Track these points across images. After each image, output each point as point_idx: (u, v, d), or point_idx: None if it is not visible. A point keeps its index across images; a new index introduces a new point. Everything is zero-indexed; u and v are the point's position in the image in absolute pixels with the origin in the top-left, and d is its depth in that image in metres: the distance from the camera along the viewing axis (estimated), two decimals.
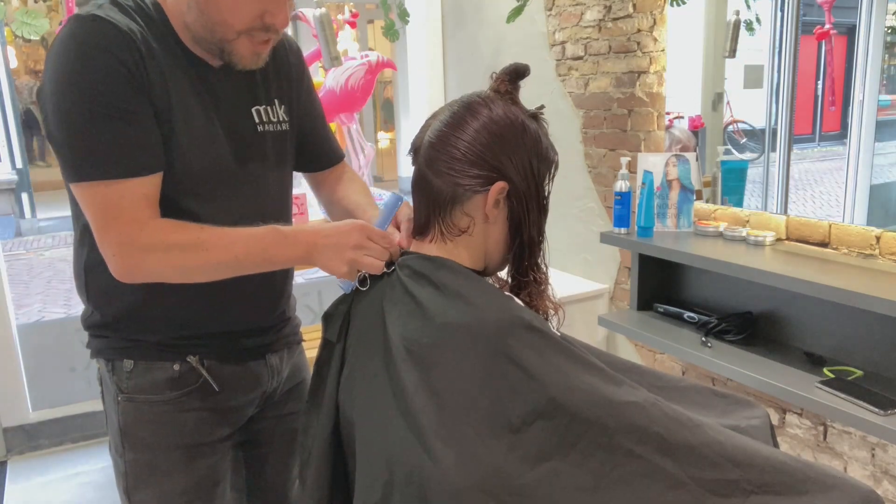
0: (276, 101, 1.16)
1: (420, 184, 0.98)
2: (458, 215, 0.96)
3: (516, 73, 0.99)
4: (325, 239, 1.00)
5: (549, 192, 1.01)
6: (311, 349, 2.44)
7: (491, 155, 0.93)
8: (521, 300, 1.01)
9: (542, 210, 1.00)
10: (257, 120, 1.12)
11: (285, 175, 1.21)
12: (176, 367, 1.10)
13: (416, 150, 0.99)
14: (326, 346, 1.03)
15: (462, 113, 0.95)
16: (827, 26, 1.97)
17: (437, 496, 0.79)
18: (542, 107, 1.02)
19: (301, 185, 2.13)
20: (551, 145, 1.00)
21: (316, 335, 2.65)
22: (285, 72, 1.19)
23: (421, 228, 0.99)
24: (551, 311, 1.04)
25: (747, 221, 2.05)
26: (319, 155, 1.31)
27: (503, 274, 1.07)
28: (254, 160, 1.11)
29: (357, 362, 0.96)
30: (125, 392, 1.10)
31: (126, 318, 1.10)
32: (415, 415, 0.84)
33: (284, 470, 1.31)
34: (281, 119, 1.17)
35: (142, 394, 1.10)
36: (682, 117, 2.34)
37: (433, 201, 0.96)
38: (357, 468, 0.90)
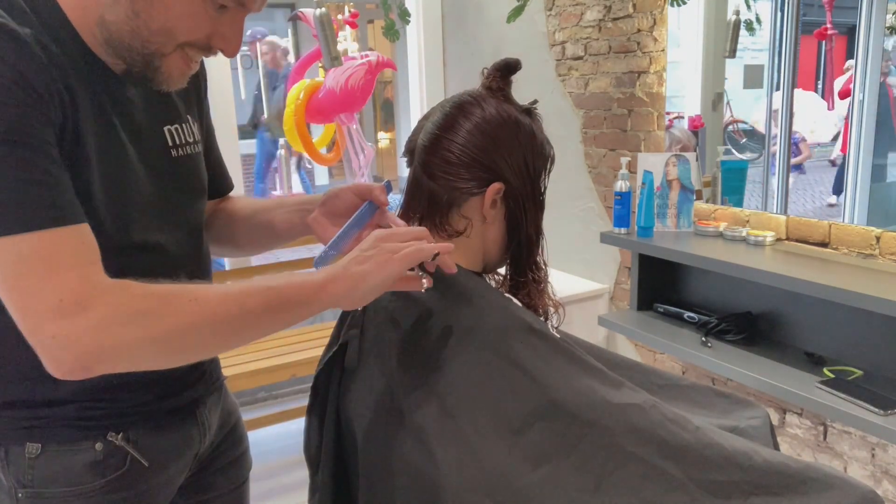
0: (189, 118, 0.97)
1: (416, 188, 0.97)
2: (455, 218, 0.96)
3: (507, 69, 0.98)
4: (358, 268, 0.79)
5: (545, 188, 1.00)
6: (312, 349, 2.45)
7: (485, 156, 0.93)
8: (521, 299, 1.00)
9: (539, 207, 1.00)
10: (171, 143, 0.92)
11: (204, 208, 1.01)
12: (98, 446, 0.88)
13: (410, 152, 0.99)
14: (334, 348, 1.01)
15: (454, 114, 0.94)
16: (828, 25, 1.97)
17: (438, 498, 0.79)
18: (535, 102, 1.01)
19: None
20: (546, 140, 0.99)
21: (317, 335, 2.66)
22: (195, 82, 1.00)
23: None
24: (551, 310, 1.04)
25: (747, 221, 2.05)
26: (220, 180, 1.11)
27: (502, 272, 1.06)
28: (175, 193, 0.92)
29: (358, 365, 0.96)
30: (28, 486, 0.85)
31: (25, 387, 0.84)
32: (415, 418, 0.84)
33: None
34: (196, 139, 0.98)
35: (53, 486, 0.86)
36: (682, 117, 2.34)
37: (430, 205, 0.96)
38: (359, 472, 0.90)
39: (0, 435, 0.86)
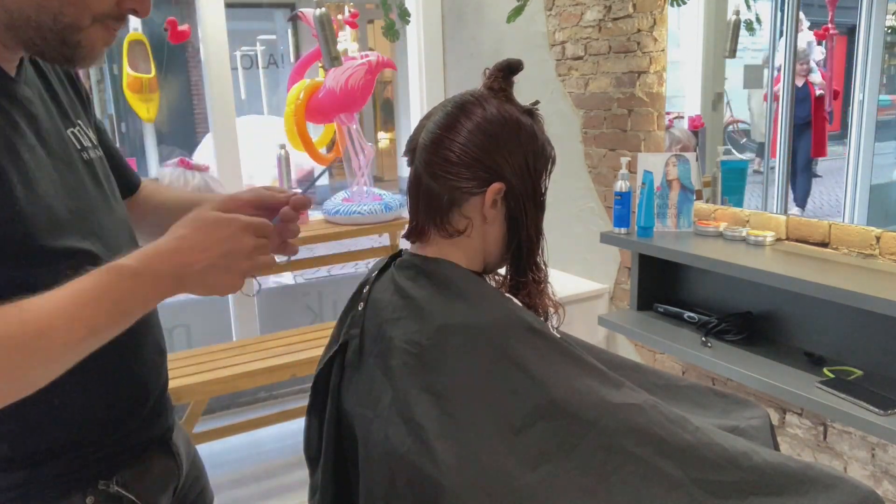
0: (81, 123, 0.91)
1: (417, 187, 0.97)
2: (456, 217, 0.96)
3: (509, 69, 0.98)
4: (201, 255, 0.72)
5: (546, 188, 1.01)
6: (312, 349, 2.45)
7: (486, 156, 0.93)
8: (521, 299, 1.00)
9: (540, 208, 1.00)
10: (78, 146, 0.87)
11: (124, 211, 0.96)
12: (89, 500, 0.82)
13: (411, 151, 0.99)
14: (335, 347, 1.01)
15: (455, 114, 0.94)
16: (830, 25, 1.97)
17: (438, 498, 0.79)
18: (536, 102, 1.01)
19: None
20: (548, 140, 0.99)
21: (317, 335, 2.66)
22: (77, 85, 0.96)
23: (419, 230, 0.99)
24: (551, 310, 1.04)
25: (747, 221, 2.05)
26: (129, 177, 1.06)
27: (502, 272, 1.06)
28: (95, 197, 0.87)
29: (358, 365, 0.96)
30: None
31: (7, 449, 0.77)
32: (415, 417, 0.84)
33: None
34: (95, 143, 0.92)
35: None
36: (682, 117, 2.34)
37: (430, 204, 0.96)
38: (359, 472, 0.90)
39: None
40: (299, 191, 0.90)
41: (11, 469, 0.78)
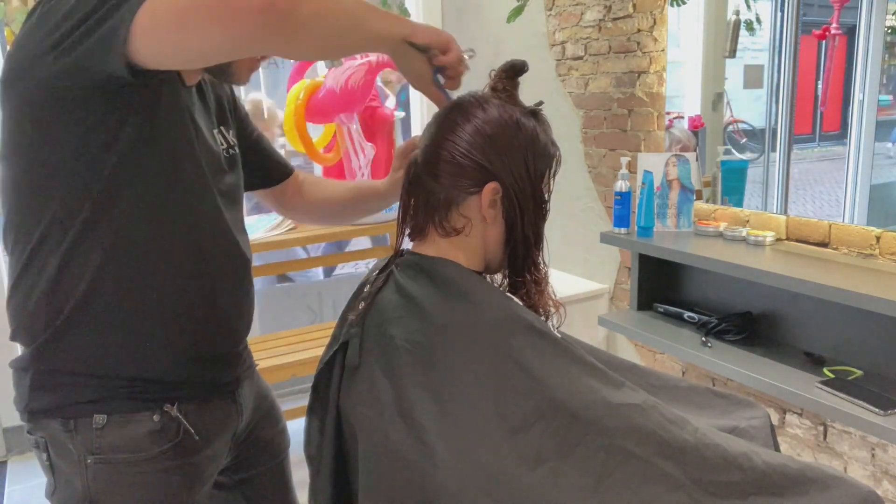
0: (224, 127, 1.12)
1: (416, 186, 0.98)
2: (454, 217, 0.96)
3: (514, 70, 0.99)
4: (428, 31, 0.94)
5: (550, 189, 1.01)
6: (312, 349, 2.45)
7: (483, 157, 0.93)
8: (521, 299, 1.01)
9: (539, 208, 1.00)
10: (224, 144, 1.09)
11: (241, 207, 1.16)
12: (156, 417, 0.97)
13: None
14: (335, 347, 1.01)
15: (455, 115, 0.95)
16: (833, 25, 1.97)
17: (438, 497, 0.79)
18: (540, 102, 1.01)
19: None
20: (551, 141, 0.99)
21: (317, 335, 2.65)
22: (232, 91, 1.18)
23: (419, 230, 0.99)
24: (552, 310, 1.04)
25: (747, 221, 2.05)
26: (281, 166, 1.30)
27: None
28: (230, 186, 1.08)
29: (358, 364, 0.96)
30: (97, 453, 0.94)
31: (90, 359, 0.94)
32: (416, 416, 0.84)
33: (282, 489, 1.25)
34: (234, 143, 1.13)
35: (119, 453, 0.95)
36: (682, 117, 2.34)
37: (430, 203, 0.96)
38: (360, 471, 0.90)
39: (69, 408, 0.94)
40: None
41: (101, 378, 0.94)
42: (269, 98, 3.42)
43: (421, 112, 3.36)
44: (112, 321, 0.93)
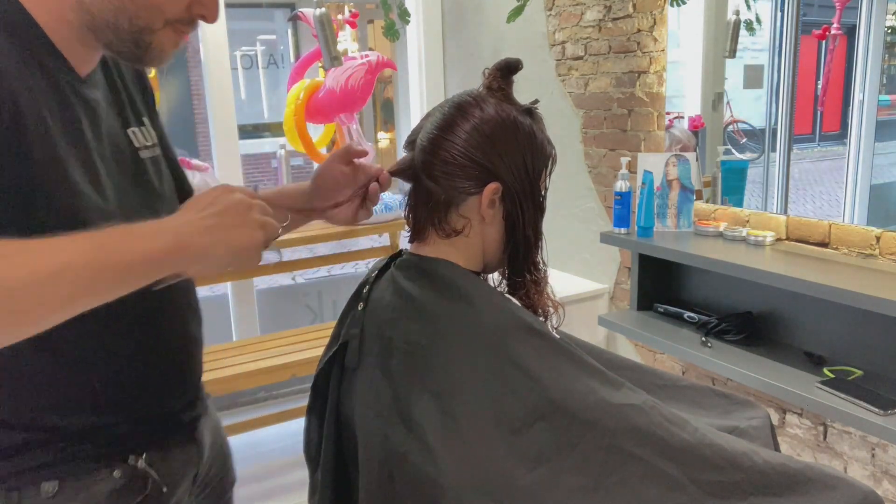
0: (145, 122, 0.95)
1: (415, 187, 0.97)
2: (454, 217, 0.96)
3: (508, 69, 0.98)
4: (208, 210, 0.72)
5: (546, 188, 1.00)
6: (312, 349, 2.45)
7: (482, 156, 0.93)
8: (520, 299, 1.00)
9: (538, 207, 0.99)
10: (136, 144, 0.91)
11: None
12: (116, 473, 0.84)
13: (410, 143, 0.98)
14: (334, 347, 1.01)
15: (453, 114, 0.94)
16: (834, 26, 1.97)
17: (438, 498, 0.79)
18: (536, 101, 1.01)
19: None
20: (547, 139, 0.99)
21: (317, 335, 2.66)
22: (143, 83, 0.98)
23: (418, 230, 0.99)
24: (551, 310, 1.04)
25: (747, 221, 2.05)
26: (182, 182, 1.06)
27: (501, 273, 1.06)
28: (146, 196, 0.90)
29: (358, 365, 0.96)
30: None
31: (39, 418, 0.80)
32: (415, 417, 0.84)
33: None
34: (154, 142, 0.96)
35: None
36: (682, 117, 2.34)
37: (429, 204, 0.96)
38: (359, 472, 0.90)
39: (12, 478, 0.80)
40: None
41: (47, 442, 0.81)
42: (271, 98, 3.41)
43: (420, 101, 3.36)
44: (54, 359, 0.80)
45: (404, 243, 1.04)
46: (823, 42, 2.01)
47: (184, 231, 0.70)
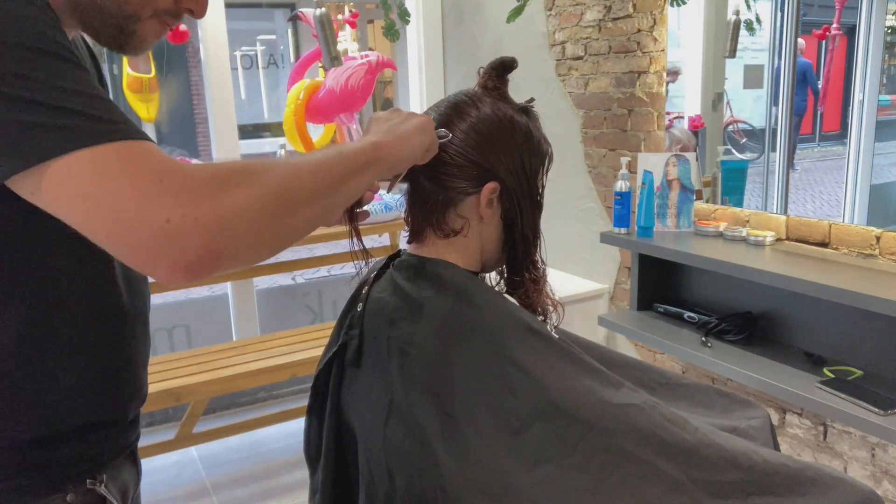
0: None
1: (413, 188, 0.97)
2: (452, 217, 0.96)
3: (503, 67, 0.98)
4: (394, 119, 0.86)
5: (543, 186, 1.00)
6: (312, 349, 2.45)
7: (480, 156, 0.93)
8: (519, 298, 1.00)
9: (536, 206, 0.99)
10: None
11: None
12: (70, 498, 0.78)
13: None
14: (334, 348, 1.01)
15: (449, 114, 0.94)
16: (834, 26, 1.97)
17: (438, 498, 0.79)
18: (531, 99, 1.01)
19: None
20: (543, 137, 0.99)
21: (317, 335, 2.65)
22: (98, 69, 0.96)
23: (416, 231, 0.99)
24: (550, 308, 1.04)
25: (747, 221, 2.05)
26: None
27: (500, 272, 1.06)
28: None
29: (357, 365, 0.96)
30: None
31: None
32: (415, 417, 0.84)
33: None
34: None
35: None
36: (682, 117, 2.34)
37: (427, 205, 0.96)
38: (359, 472, 0.90)
39: None
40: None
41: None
42: (270, 98, 3.42)
43: (420, 101, 3.36)
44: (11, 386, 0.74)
45: (404, 243, 1.03)
46: (823, 42, 2.01)
47: (384, 130, 0.85)
